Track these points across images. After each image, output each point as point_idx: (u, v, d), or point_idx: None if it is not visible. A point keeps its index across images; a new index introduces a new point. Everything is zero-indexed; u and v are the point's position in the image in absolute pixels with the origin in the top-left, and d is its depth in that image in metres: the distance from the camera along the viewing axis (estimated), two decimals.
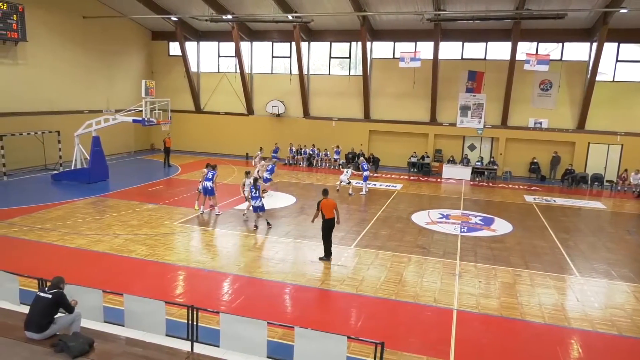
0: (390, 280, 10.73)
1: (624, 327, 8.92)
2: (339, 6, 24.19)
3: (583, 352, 8.02)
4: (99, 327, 7.17)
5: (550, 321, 9.04)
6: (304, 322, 8.04)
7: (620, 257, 13.24)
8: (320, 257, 11.91)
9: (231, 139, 30.69)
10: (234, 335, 6.70)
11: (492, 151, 27.13)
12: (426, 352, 7.71)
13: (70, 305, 6.71)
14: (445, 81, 26.32)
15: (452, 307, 9.46)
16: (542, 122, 25.71)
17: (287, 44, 29.00)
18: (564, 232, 15.39)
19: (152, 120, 20.69)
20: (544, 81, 25.53)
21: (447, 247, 13.41)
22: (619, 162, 24.95)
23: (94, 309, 7.32)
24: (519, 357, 7.73)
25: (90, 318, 7.23)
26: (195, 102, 31.38)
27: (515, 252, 13.21)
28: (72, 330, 6.64)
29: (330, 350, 6.22)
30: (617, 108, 24.68)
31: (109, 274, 10.53)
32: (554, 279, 11.28)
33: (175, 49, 30.81)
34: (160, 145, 31.72)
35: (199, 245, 13.05)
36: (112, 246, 12.36)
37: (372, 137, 28.43)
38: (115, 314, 7.60)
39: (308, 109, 29.34)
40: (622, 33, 23.28)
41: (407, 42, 26.71)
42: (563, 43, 25.07)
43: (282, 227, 14.80)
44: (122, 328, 7.24)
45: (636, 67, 24.42)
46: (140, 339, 6.88)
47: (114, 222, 14.57)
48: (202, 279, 10.57)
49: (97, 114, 22.90)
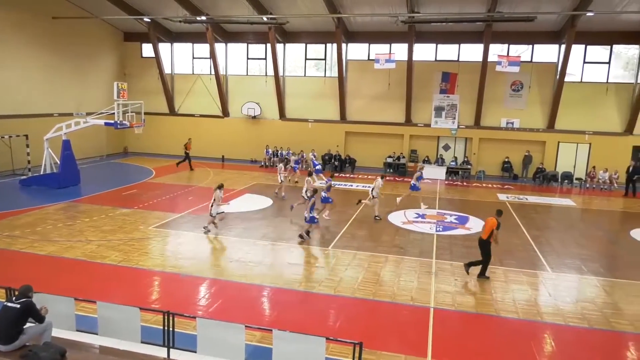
0: (368, 281, 10.79)
1: (594, 320, 9.17)
2: (314, 8, 24.23)
3: (556, 346, 8.21)
4: (71, 336, 6.99)
5: (524, 316, 9.24)
6: (282, 324, 8.01)
7: (590, 253, 13.63)
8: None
9: (206, 141, 30.34)
10: (211, 340, 6.64)
11: (466, 151, 27.57)
12: (404, 350, 7.77)
13: (40, 315, 6.51)
14: (420, 82, 26.64)
15: (429, 306, 9.56)
16: (514, 122, 26.27)
17: (262, 45, 28.89)
18: (536, 229, 15.75)
19: (124, 123, 20.34)
20: (515, 82, 26.10)
21: (423, 246, 13.56)
22: (587, 161, 25.67)
23: (65, 317, 7.13)
24: (494, 353, 7.87)
25: (62, 327, 7.05)
26: (169, 105, 30.95)
27: None
28: (42, 340, 6.46)
29: (309, 352, 6.22)
30: (585, 108, 25.43)
31: (81, 281, 10.28)
32: (527, 275, 11.53)
33: (148, 50, 30.34)
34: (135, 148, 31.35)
35: (174, 250, 12.86)
36: (85, 252, 12.08)
37: (348, 138, 28.56)
38: (88, 322, 7.43)
39: (284, 111, 29.29)
40: (589, 35, 23.98)
41: (382, 43, 26.93)
42: (533, 45, 25.68)
43: (259, 230, 14.72)
44: (96, 336, 7.08)
45: (602, 69, 25.21)
46: (115, 347, 6.75)
47: (86, 228, 14.23)
48: (178, 284, 10.43)
49: (68, 117, 22.30)
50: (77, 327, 7.24)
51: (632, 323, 9.06)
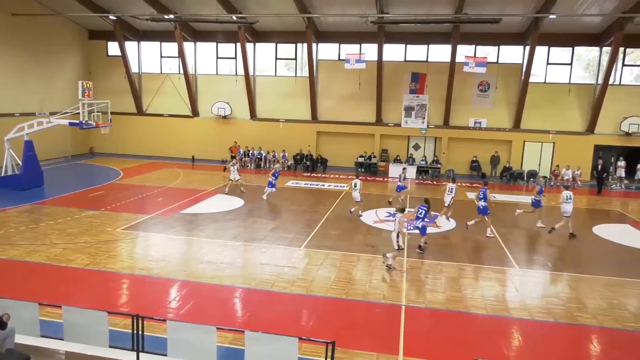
0: (340, 280, 10.82)
1: (559, 314, 9.46)
2: (284, 7, 24.15)
3: (523, 340, 8.44)
4: (35, 342, 6.78)
5: (492, 312, 9.45)
6: (255, 325, 7.97)
7: (555, 249, 14.09)
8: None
9: (176, 141, 29.90)
10: (182, 343, 6.54)
11: (435, 150, 28.02)
12: (376, 349, 7.84)
13: (1, 321, 6.29)
14: (390, 82, 26.92)
15: (400, 304, 9.67)
16: (482, 122, 26.84)
17: (232, 44, 28.62)
18: (503, 227, 16.13)
19: (90, 123, 19.82)
20: (482, 83, 26.70)
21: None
22: (551, 159, 26.50)
23: (29, 323, 6.90)
24: (464, 348, 8.01)
25: (26, 333, 6.82)
26: (137, 104, 30.29)
27: (459, 247, 13.71)
28: (5, 347, 6.25)
29: (282, 352, 6.20)
30: (549, 108, 26.22)
31: (45, 286, 9.97)
32: (495, 271, 11.80)
33: (114, 49, 29.60)
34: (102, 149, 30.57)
35: (144, 252, 12.60)
36: (49, 256, 11.70)
37: (319, 138, 28.60)
38: (53, 327, 7.22)
39: (255, 111, 29.09)
40: (552, 37, 24.76)
41: (352, 43, 27.08)
42: (499, 46, 26.31)
43: (231, 230, 14.58)
44: (62, 342, 6.87)
45: (565, 70, 26.06)
46: (82, 352, 6.57)
47: (50, 231, 13.79)
48: (148, 287, 10.23)
49: (30, 117, 21.56)
50: (42, 333, 7.03)
51: (594, 316, 9.39)
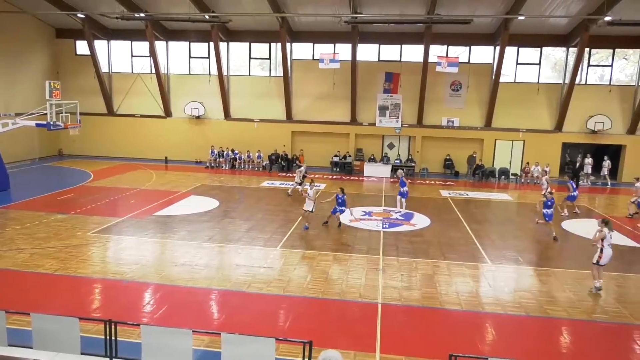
0: (316, 279, 10.83)
1: (530, 308, 9.68)
2: (258, 7, 24.00)
3: (496, 334, 8.60)
4: (3, 351, 6.53)
5: (466, 307, 9.61)
6: (231, 327, 7.90)
7: (526, 244, 14.41)
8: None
9: (148, 142, 29.40)
10: (156, 347, 6.41)
11: (409, 149, 28.33)
12: (353, 347, 7.87)
13: None
14: (364, 82, 27.09)
15: (376, 302, 9.73)
16: (454, 121, 27.28)
17: (205, 44, 28.31)
18: (476, 224, 16.42)
19: (58, 124, 19.33)
20: (455, 82, 27.13)
21: (370, 243, 13.79)
22: (521, 157, 27.12)
23: None
24: (439, 344, 8.12)
25: None
26: (107, 104, 29.65)
27: (434, 244, 13.89)
28: None
29: (259, 353, 6.15)
30: (518, 107, 26.85)
31: (12, 293, 9.65)
32: (469, 267, 12.01)
33: (83, 47, 28.88)
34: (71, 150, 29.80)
35: (116, 256, 12.33)
36: (16, 262, 11.33)
37: (295, 137, 28.56)
38: (21, 335, 7.00)
39: (229, 111, 28.84)
40: (521, 38, 25.36)
41: (326, 43, 27.13)
42: (470, 46, 26.78)
43: (205, 232, 14.41)
44: (31, 350, 6.65)
45: (534, 70, 26.73)
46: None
47: (17, 236, 13.36)
48: (121, 291, 10.01)
49: None
50: (9, 342, 6.79)
51: (565, 310, 9.64)
